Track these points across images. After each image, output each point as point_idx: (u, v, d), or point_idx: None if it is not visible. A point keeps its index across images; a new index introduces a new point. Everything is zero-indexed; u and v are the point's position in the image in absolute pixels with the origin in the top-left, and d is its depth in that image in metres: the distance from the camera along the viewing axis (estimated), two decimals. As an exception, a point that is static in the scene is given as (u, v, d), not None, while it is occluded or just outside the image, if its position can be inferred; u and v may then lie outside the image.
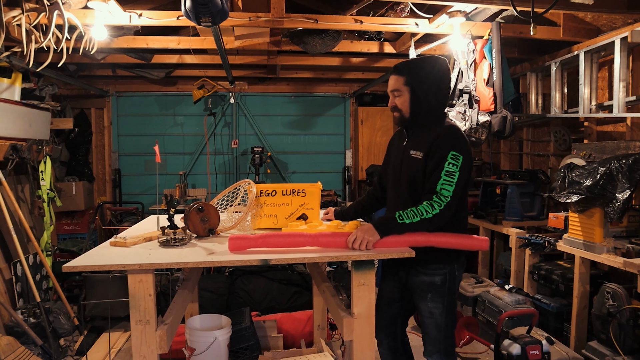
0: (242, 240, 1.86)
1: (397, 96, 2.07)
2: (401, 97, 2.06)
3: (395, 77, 2.07)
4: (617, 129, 3.63)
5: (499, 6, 3.15)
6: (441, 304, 2.06)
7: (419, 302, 2.12)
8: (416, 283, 2.10)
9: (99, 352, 3.41)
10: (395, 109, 2.09)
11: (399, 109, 2.08)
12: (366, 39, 4.39)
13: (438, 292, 2.06)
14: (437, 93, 2.05)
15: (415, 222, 1.87)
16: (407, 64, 2.09)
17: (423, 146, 2.01)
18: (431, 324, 2.09)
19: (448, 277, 2.06)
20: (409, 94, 2.03)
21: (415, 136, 2.09)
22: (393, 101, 2.09)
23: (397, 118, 2.11)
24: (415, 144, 2.06)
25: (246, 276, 4.01)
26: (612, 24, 3.61)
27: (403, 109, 2.06)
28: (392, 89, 2.08)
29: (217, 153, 6.04)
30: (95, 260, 1.74)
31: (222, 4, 2.46)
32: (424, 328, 2.14)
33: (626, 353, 2.58)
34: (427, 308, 2.08)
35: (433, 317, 2.08)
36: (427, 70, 2.04)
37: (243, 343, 3.04)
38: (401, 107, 2.06)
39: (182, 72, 5.40)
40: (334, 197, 5.21)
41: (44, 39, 2.84)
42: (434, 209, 1.87)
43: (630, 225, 3.00)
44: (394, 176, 2.16)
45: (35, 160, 4.19)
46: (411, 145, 2.08)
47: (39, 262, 3.98)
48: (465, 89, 3.63)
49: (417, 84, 2.02)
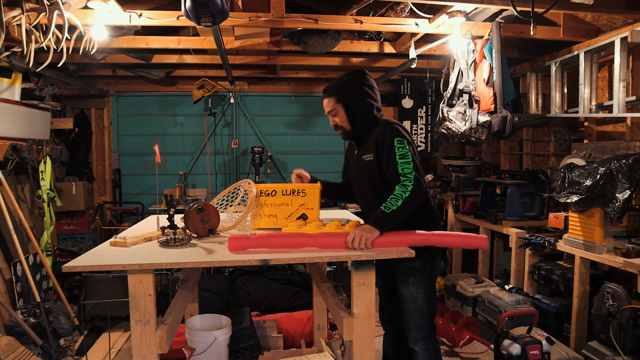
0: (241, 240, 1.87)
1: (334, 115, 2.23)
2: (338, 115, 2.22)
3: (326, 99, 2.25)
4: (617, 129, 3.63)
5: (499, 6, 3.15)
6: (422, 288, 2.16)
7: (402, 289, 2.21)
8: (399, 269, 2.20)
9: (99, 352, 3.41)
10: (337, 127, 2.26)
11: (340, 126, 2.24)
12: (366, 39, 4.39)
13: (419, 276, 2.17)
14: (365, 98, 2.19)
15: (400, 205, 1.96)
16: (332, 84, 2.25)
17: (370, 148, 2.18)
18: (414, 309, 2.17)
19: (427, 260, 2.17)
20: (343, 109, 2.20)
21: (362, 143, 2.25)
22: (333, 121, 2.25)
23: (343, 134, 2.27)
24: (364, 150, 2.22)
25: (246, 276, 4.01)
26: (612, 24, 3.61)
27: (344, 125, 2.23)
28: (328, 111, 2.25)
29: (217, 153, 6.03)
30: (95, 260, 1.75)
31: (222, 4, 2.46)
32: (407, 315, 2.20)
33: (626, 353, 2.58)
34: (409, 293, 2.17)
35: (416, 302, 2.16)
36: (349, 82, 2.22)
37: (243, 343, 3.04)
38: (341, 124, 2.23)
39: (182, 72, 5.40)
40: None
41: (44, 39, 2.84)
42: (407, 187, 1.99)
43: (630, 225, 3.00)
44: (357, 183, 2.33)
45: (35, 160, 4.19)
46: (361, 152, 2.25)
47: (39, 262, 3.98)
48: (465, 89, 3.63)
49: (345, 97, 2.19)
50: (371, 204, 2.22)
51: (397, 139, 2.08)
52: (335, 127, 2.27)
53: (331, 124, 2.28)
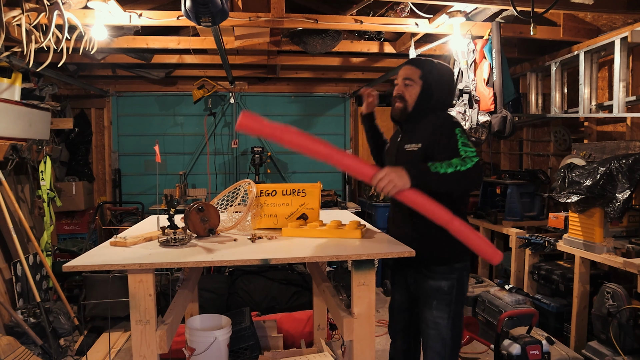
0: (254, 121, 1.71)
1: (407, 85, 2.03)
2: (412, 88, 2.02)
3: (411, 67, 2.05)
4: (617, 129, 3.63)
5: (499, 6, 3.15)
6: (447, 313, 1.94)
7: (423, 311, 2.00)
8: (422, 289, 2.00)
9: (99, 352, 3.41)
10: (400, 98, 2.05)
11: (404, 99, 2.04)
12: (366, 39, 4.39)
13: (444, 299, 1.94)
14: (446, 96, 2.08)
15: (449, 172, 1.72)
16: (424, 60, 2.07)
17: (419, 138, 1.98)
18: (435, 336, 1.96)
19: (456, 283, 1.95)
20: (421, 87, 2.01)
21: (409, 131, 2.07)
22: (401, 89, 2.04)
23: (398, 109, 2.06)
24: (409, 138, 2.03)
25: (246, 276, 4.01)
26: (612, 24, 3.61)
27: (409, 100, 2.03)
28: (405, 77, 2.03)
29: (217, 153, 6.03)
30: (95, 260, 1.74)
31: (222, 4, 2.46)
32: (427, 341, 2.00)
33: (626, 353, 2.58)
34: (431, 317, 1.96)
35: (437, 329, 1.95)
36: (441, 72, 2.06)
37: (243, 343, 3.04)
38: (408, 97, 2.03)
39: (182, 72, 5.40)
40: (334, 197, 5.21)
41: (44, 39, 2.84)
42: (466, 163, 1.74)
43: (630, 225, 3.00)
44: None
45: (35, 160, 4.19)
46: (405, 140, 2.06)
47: (39, 262, 3.98)
48: (465, 89, 3.63)
49: (431, 81, 2.01)
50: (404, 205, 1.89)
51: (459, 129, 1.89)
52: (398, 97, 2.05)
53: (396, 91, 2.06)
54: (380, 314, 4.25)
